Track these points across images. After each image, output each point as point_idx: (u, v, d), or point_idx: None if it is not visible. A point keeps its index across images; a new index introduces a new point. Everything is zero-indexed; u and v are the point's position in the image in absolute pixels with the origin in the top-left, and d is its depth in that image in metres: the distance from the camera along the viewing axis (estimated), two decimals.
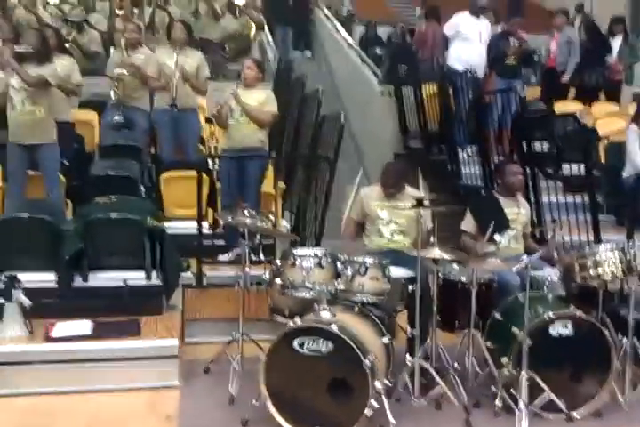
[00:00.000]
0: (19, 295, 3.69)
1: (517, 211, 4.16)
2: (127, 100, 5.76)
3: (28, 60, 4.52)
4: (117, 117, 5.76)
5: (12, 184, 4.66)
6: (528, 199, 4.61)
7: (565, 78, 7.49)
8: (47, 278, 3.99)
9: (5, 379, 3.49)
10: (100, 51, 7.53)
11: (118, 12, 7.90)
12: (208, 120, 5.29)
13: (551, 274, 3.65)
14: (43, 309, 3.81)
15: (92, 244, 4.09)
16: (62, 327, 3.74)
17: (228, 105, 4.66)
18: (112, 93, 5.77)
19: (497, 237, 3.76)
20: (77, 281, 4.05)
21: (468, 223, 4.13)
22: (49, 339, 3.64)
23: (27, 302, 3.70)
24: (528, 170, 4.89)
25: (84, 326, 3.77)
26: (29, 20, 7.33)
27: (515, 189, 4.21)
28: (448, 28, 6.72)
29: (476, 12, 6.64)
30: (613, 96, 7.85)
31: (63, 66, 4.87)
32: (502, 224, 3.99)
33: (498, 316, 3.58)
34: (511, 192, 4.20)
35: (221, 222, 4.85)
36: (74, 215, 4.70)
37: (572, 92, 7.80)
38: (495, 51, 6.97)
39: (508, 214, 4.09)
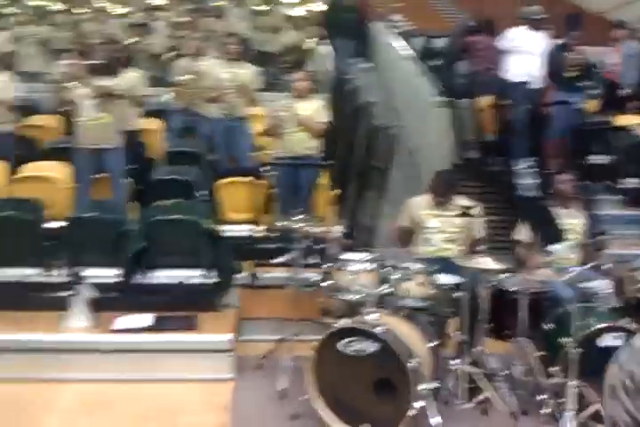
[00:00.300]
0: (84, 289, 3.92)
1: (573, 221, 4.15)
2: (190, 107, 6.01)
3: (97, 72, 4.82)
4: (181, 124, 6.04)
5: (79, 185, 4.94)
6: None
7: (627, 91, 7.35)
8: (111, 274, 4.23)
9: (69, 365, 3.72)
10: (163, 53, 7.85)
11: (181, 20, 8.21)
12: (266, 131, 5.47)
13: (603, 286, 3.62)
14: (106, 302, 4.04)
15: (153, 243, 4.30)
16: (125, 320, 3.95)
17: (280, 118, 4.85)
18: (173, 99, 6.03)
19: (551, 247, 3.78)
20: (139, 278, 4.27)
21: (521, 233, 4.14)
22: (111, 330, 3.86)
23: (92, 295, 3.92)
24: (586, 182, 4.84)
25: (145, 319, 3.97)
26: (97, 32, 7.73)
27: (565, 197, 4.18)
28: (504, 42, 6.68)
29: (532, 25, 6.61)
30: None
31: (129, 78, 5.16)
32: (555, 235, 3.99)
33: (548, 326, 3.57)
34: (562, 200, 4.18)
35: (276, 226, 5.01)
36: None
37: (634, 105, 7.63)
38: (554, 64, 6.93)
39: (563, 225, 4.08)
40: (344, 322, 3.20)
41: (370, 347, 3.06)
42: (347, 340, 3.09)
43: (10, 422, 3.25)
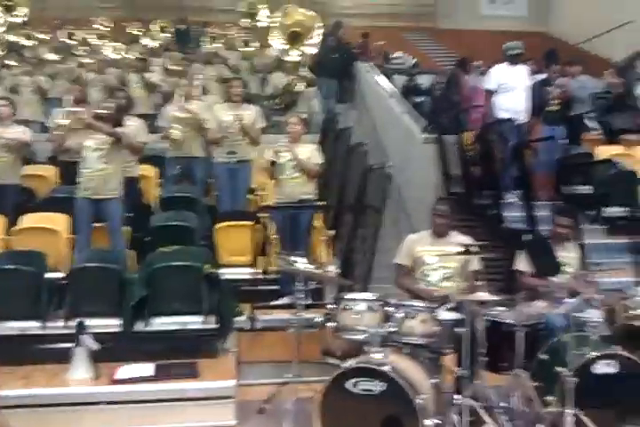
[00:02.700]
0: (87, 340, 3.96)
1: (568, 255, 4.29)
2: (184, 152, 6.13)
3: (104, 121, 4.96)
4: (176, 171, 6.18)
5: (79, 236, 5.01)
6: None
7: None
8: (113, 323, 4.28)
9: (73, 419, 3.73)
10: (161, 84, 8.10)
11: (171, 67, 8.45)
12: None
13: (595, 315, 3.72)
14: (108, 352, 4.06)
15: (154, 290, 4.37)
16: (126, 370, 3.98)
17: (277, 161, 4.99)
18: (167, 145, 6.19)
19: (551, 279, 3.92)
20: (140, 326, 4.32)
21: (522, 264, 4.26)
22: (114, 381, 3.88)
23: (94, 346, 3.96)
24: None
25: (146, 368, 4.01)
26: (97, 80, 7.96)
27: (560, 240, 4.32)
28: (489, 83, 6.81)
29: (512, 60, 6.81)
30: None
31: (131, 127, 5.30)
32: (553, 268, 4.14)
33: (543, 356, 3.67)
34: (559, 240, 4.31)
35: (273, 269, 5.11)
36: (138, 264, 5.01)
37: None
38: (537, 98, 7.16)
39: (559, 258, 4.22)
40: (352, 362, 3.26)
41: (378, 385, 3.12)
42: (355, 379, 3.14)
43: None
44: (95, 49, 8.86)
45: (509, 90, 6.67)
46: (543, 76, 7.82)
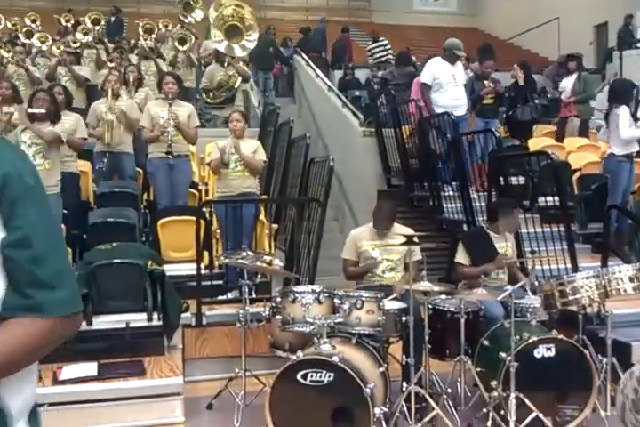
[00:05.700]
0: None
1: (505, 245, 4.44)
2: (112, 147, 5.98)
3: (40, 119, 4.80)
4: (102, 165, 5.99)
5: None
6: None
7: None
8: None
9: None
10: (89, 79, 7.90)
11: (109, 64, 8.17)
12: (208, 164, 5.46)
13: (533, 301, 3.88)
14: (51, 353, 3.93)
15: (96, 289, 4.26)
16: (69, 370, 3.87)
17: (228, 154, 4.94)
18: (96, 140, 6.02)
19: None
20: (82, 325, 4.21)
21: (460, 257, 4.38)
22: (57, 382, 3.77)
23: None
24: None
25: (90, 368, 3.91)
26: (20, 74, 7.63)
27: (513, 230, 4.47)
28: (426, 78, 6.88)
29: (452, 60, 6.92)
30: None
31: (69, 122, 5.11)
32: (492, 255, 4.28)
33: (485, 342, 3.80)
34: (507, 231, 4.46)
35: (217, 263, 5.06)
36: (74, 262, 4.87)
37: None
38: (472, 93, 7.35)
39: (497, 249, 4.36)
40: (300, 354, 3.28)
41: (327, 376, 3.16)
42: (304, 371, 3.17)
43: None
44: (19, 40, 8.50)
45: (443, 86, 6.79)
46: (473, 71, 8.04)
